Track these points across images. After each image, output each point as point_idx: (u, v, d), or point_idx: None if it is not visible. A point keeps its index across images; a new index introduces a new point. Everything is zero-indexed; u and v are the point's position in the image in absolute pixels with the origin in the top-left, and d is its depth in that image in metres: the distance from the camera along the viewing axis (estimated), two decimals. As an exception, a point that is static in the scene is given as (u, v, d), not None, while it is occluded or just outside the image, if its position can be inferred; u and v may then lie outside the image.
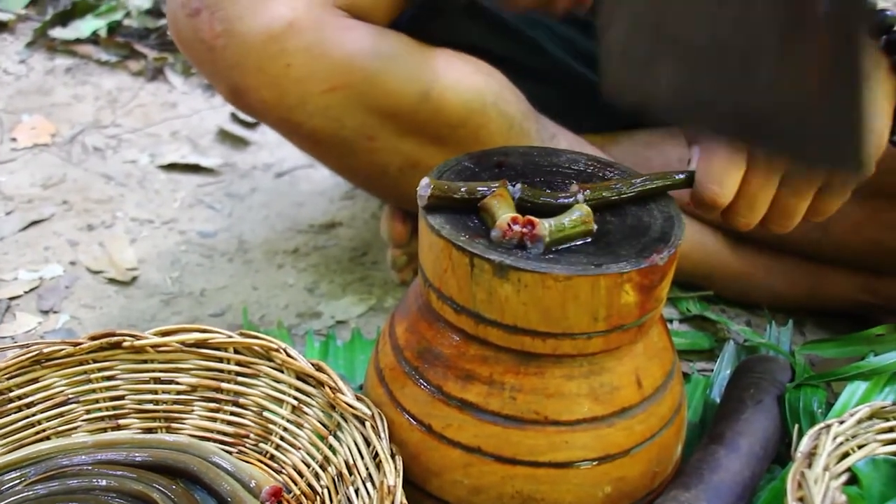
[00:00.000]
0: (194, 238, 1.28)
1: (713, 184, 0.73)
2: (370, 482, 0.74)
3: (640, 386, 0.75)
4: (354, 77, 0.93)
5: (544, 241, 0.69)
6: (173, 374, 0.87)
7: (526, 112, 1.05)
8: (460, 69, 0.99)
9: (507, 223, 0.70)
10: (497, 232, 0.70)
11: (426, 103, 0.96)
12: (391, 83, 0.95)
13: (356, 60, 0.93)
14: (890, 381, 0.96)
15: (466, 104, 0.98)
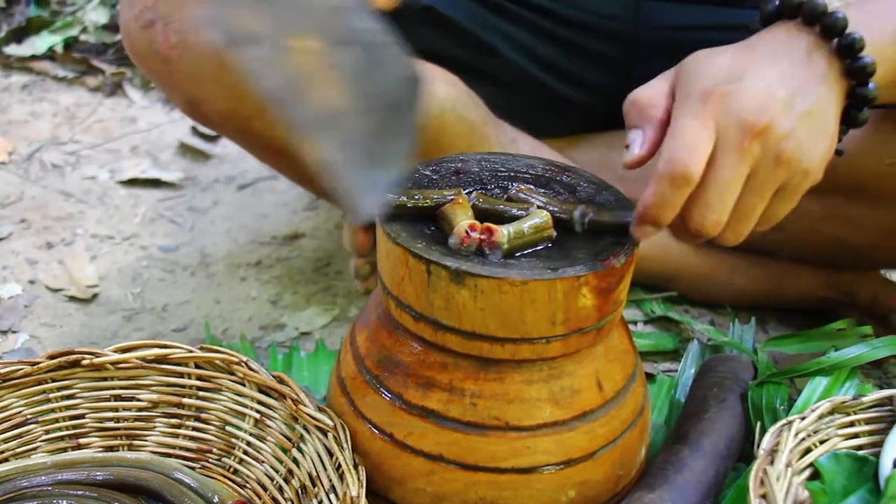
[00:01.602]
0: (156, 253, 1.27)
1: (683, 153, 0.69)
2: (333, 493, 0.74)
3: (602, 389, 0.75)
4: None
5: (502, 248, 0.69)
6: (134, 391, 0.86)
7: (485, 117, 1.05)
8: None
9: (465, 230, 0.70)
10: (455, 239, 0.70)
11: None
12: None
13: None
14: (850, 375, 0.97)
15: (425, 111, 0.98)
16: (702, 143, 0.68)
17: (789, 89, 0.71)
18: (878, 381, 1.07)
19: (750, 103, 0.69)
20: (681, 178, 0.68)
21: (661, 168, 0.68)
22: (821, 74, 0.73)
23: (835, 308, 1.14)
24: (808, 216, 1.05)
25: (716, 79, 0.70)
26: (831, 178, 1.01)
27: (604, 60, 0.80)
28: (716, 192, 0.69)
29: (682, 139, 0.68)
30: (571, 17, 1.09)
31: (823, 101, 0.73)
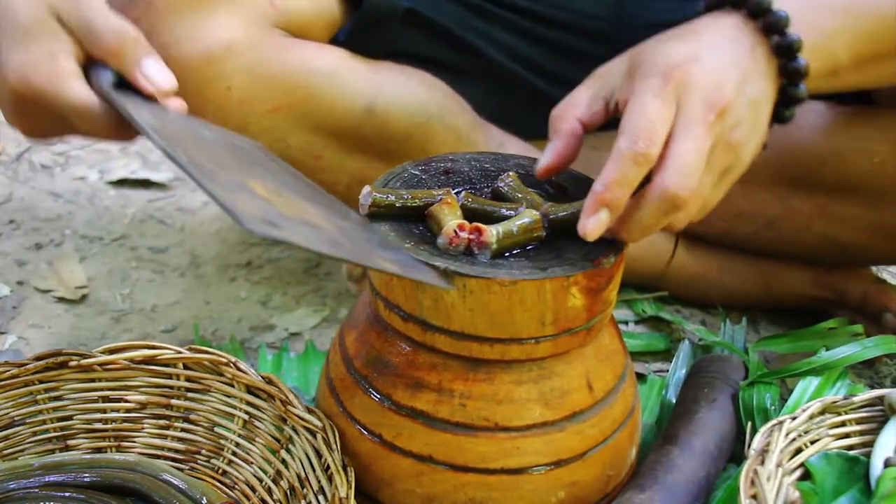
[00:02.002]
0: (145, 254, 1.27)
1: (645, 130, 0.67)
2: (322, 495, 0.74)
3: (592, 389, 0.75)
4: (296, 96, 0.93)
5: (491, 248, 0.69)
6: (122, 392, 0.86)
7: (472, 122, 1.05)
8: (403, 83, 0.99)
9: (454, 230, 0.69)
10: (443, 239, 0.70)
11: (370, 119, 0.96)
12: (334, 100, 0.95)
13: (297, 79, 0.93)
14: (841, 375, 0.97)
15: (411, 118, 0.98)
16: (662, 121, 0.68)
17: (741, 75, 0.72)
18: (870, 380, 1.07)
19: (711, 81, 0.70)
20: (642, 155, 0.67)
21: (623, 145, 0.67)
22: (762, 69, 0.74)
23: (826, 307, 1.14)
24: (798, 215, 1.05)
25: (673, 58, 0.71)
26: (821, 177, 1.02)
27: (588, 60, 0.80)
28: (691, 157, 0.68)
29: (643, 116, 0.68)
30: (554, 17, 1.09)
31: (764, 94, 0.74)
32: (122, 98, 0.71)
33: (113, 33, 0.73)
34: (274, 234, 0.56)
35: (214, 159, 0.66)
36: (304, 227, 0.61)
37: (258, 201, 0.60)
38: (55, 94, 0.73)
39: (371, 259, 0.63)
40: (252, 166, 0.71)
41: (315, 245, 0.58)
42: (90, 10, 0.74)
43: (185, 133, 0.70)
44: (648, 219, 0.69)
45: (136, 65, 0.74)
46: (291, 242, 0.57)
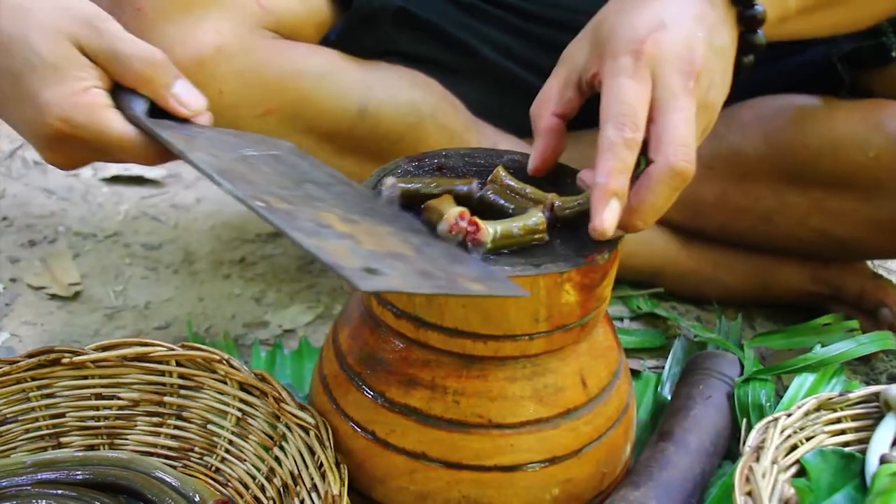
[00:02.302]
0: (139, 251, 1.26)
1: (629, 115, 0.67)
2: (315, 492, 0.73)
3: (586, 386, 0.74)
4: (288, 98, 0.92)
5: (484, 246, 0.68)
6: (115, 389, 0.85)
7: (466, 123, 1.04)
8: (396, 83, 0.99)
9: (455, 217, 0.68)
10: (444, 226, 0.68)
11: (363, 120, 0.96)
12: (326, 102, 0.94)
13: (289, 81, 0.93)
14: (837, 371, 0.97)
15: (404, 118, 0.98)
16: (642, 102, 0.68)
17: (706, 31, 0.71)
18: (865, 377, 1.07)
19: (683, 47, 0.69)
20: (632, 140, 0.66)
21: (611, 133, 0.67)
22: (723, 17, 0.73)
23: (822, 303, 1.14)
24: (794, 210, 1.05)
25: (638, 30, 0.69)
26: (816, 171, 1.01)
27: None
28: (686, 129, 0.68)
29: (623, 102, 0.67)
30: (547, 15, 1.09)
31: (728, 43, 0.73)
32: (163, 130, 0.71)
33: (141, 60, 0.72)
34: (382, 286, 0.58)
35: (272, 186, 0.67)
36: (397, 263, 0.61)
37: (345, 241, 0.61)
38: (96, 129, 0.72)
39: (461, 286, 0.62)
40: (305, 185, 0.71)
41: (419, 288, 0.59)
42: (113, 37, 0.73)
43: (233, 160, 0.70)
44: (661, 199, 0.68)
45: (168, 90, 0.73)
46: (399, 290, 0.59)
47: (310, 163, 0.77)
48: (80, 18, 0.72)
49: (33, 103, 0.72)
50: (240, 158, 0.71)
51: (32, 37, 0.72)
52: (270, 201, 0.62)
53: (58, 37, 0.72)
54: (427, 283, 0.59)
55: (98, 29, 0.72)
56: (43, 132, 0.73)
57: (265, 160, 0.73)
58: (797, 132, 1.01)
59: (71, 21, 0.72)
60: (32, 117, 0.73)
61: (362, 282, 0.55)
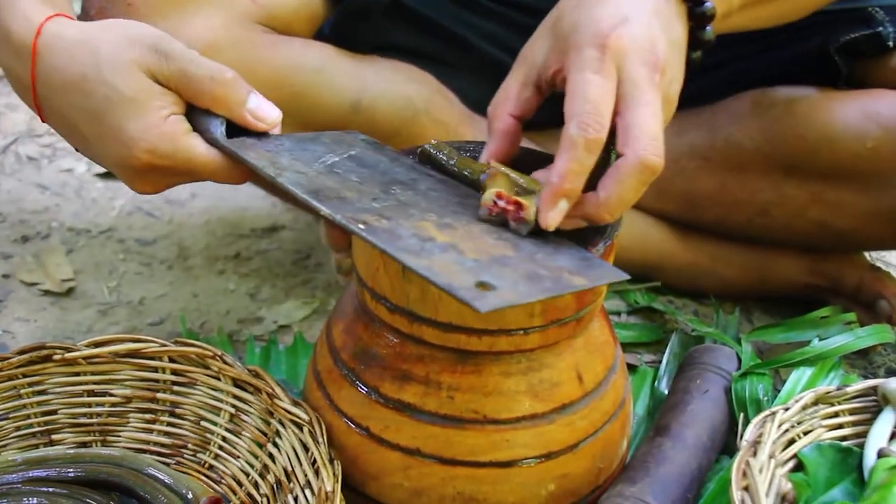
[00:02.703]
0: (133, 246, 1.25)
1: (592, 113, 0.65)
2: (309, 489, 0.73)
3: (581, 381, 0.74)
4: (282, 94, 0.91)
5: (530, 224, 0.66)
6: (107, 386, 0.85)
7: (461, 116, 1.04)
8: (390, 78, 0.98)
9: (493, 199, 0.67)
10: (483, 210, 0.68)
11: (357, 115, 0.95)
12: (320, 97, 0.94)
13: (282, 77, 0.92)
14: (835, 365, 0.96)
15: (398, 113, 0.97)
16: (607, 99, 0.66)
17: (663, 25, 0.70)
18: (863, 370, 1.06)
19: (646, 41, 0.68)
20: (594, 141, 0.65)
21: (573, 133, 0.65)
22: (675, 14, 0.72)
23: (820, 295, 1.13)
24: (792, 202, 1.04)
25: (601, 24, 0.68)
26: (814, 163, 1.01)
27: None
28: (654, 123, 0.66)
29: (588, 99, 0.66)
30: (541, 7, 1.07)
31: (681, 38, 0.73)
32: (245, 152, 0.72)
33: (212, 80, 0.72)
34: (498, 303, 0.57)
35: (365, 199, 0.68)
36: (503, 270, 0.62)
37: (449, 255, 0.62)
38: (183, 158, 0.72)
39: (565, 283, 0.62)
40: (392, 188, 0.71)
41: (531, 297, 0.60)
42: (181, 60, 0.72)
43: (319, 174, 0.71)
44: (630, 192, 0.66)
45: (242, 107, 0.73)
46: (514, 304, 0.59)
47: (386, 156, 0.78)
48: (147, 45, 0.72)
49: (118, 139, 0.72)
50: (325, 170, 0.72)
51: (106, 73, 0.72)
52: (369, 220, 0.64)
53: (131, 68, 0.72)
54: (536, 289, 0.60)
55: (166, 53, 0.72)
56: (131, 165, 0.74)
57: (347, 166, 0.74)
58: (794, 124, 1.00)
59: (139, 50, 0.72)
60: (119, 152, 0.73)
61: (480, 303, 0.56)
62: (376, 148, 0.79)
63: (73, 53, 0.73)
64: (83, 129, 0.74)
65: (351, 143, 0.79)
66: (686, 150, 1.09)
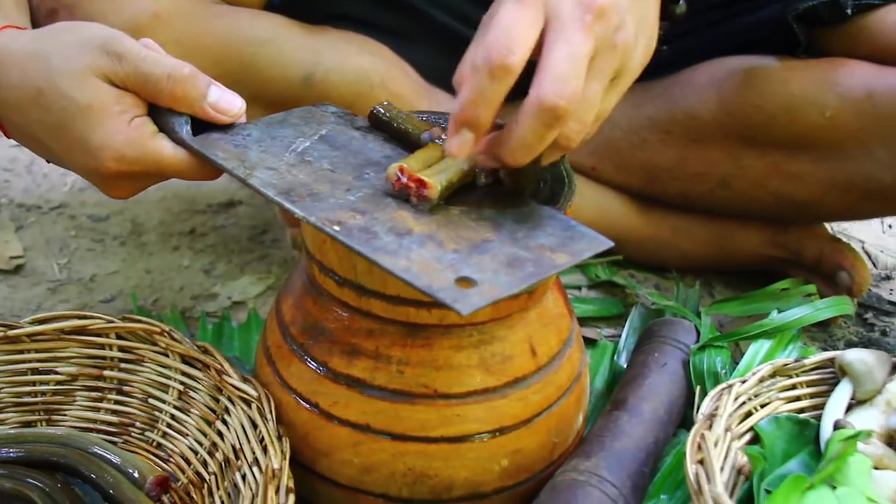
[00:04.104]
0: (85, 223, 1.23)
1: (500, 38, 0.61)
2: (257, 466, 0.71)
3: (535, 354, 0.72)
4: (230, 66, 0.90)
5: (431, 202, 0.65)
6: (52, 364, 0.83)
7: (417, 89, 1.02)
8: (344, 50, 0.96)
9: (396, 173, 0.66)
10: (387, 184, 0.67)
11: (310, 88, 0.93)
12: (271, 69, 0.92)
13: (230, 48, 0.90)
14: (794, 338, 0.96)
15: (352, 86, 0.95)
16: (522, 27, 0.62)
17: None
18: (823, 343, 1.06)
19: None
20: (498, 67, 0.61)
21: (478, 58, 0.62)
22: None
23: (781, 267, 1.13)
24: (752, 173, 1.04)
25: None
26: (773, 134, 1.00)
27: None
28: (566, 63, 0.61)
29: (499, 25, 0.62)
30: None
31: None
32: (212, 151, 0.70)
33: (169, 79, 0.69)
34: (481, 302, 0.57)
35: (338, 191, 0.67)
36: (484, 258, 0.61)
37: (428, 249, 0.61)
38: (151, 161, 0.70)
39: (548, 264, 0.61)
40: (366, 172, 0.70)
41: (514, 287, 0.59)
42: (135, 59, 0.69)
43: (290, 166, 0.69)
44: (531, 135, 0.63)
45: (203, 102, 0.71)
46: (498, 298, 0.58)
47: (358, 129, 0.76)
48: (98, 48, 0.70)
49: (84, 150, 0.70)
50: (296, 160, 0.70)
51: (61, 84, 0.69)
52: (343, 219, 0.63)
53: (85, 76, 0.69)
54: (519, 276, 0.59)
55: (119, 55, 0.69)
56: (100, 174, 0.71)
57: (319, 150, 0.72)
58: (753, 94, 0.99)
59: (90, 55, 0.69)
60: (87, 163, 0.71)
61: (461, 305, 0.56)
62: (347, 121, 0.77)
63: (24, 68, 0.70)
64: (48, 144, 0.72)
65: (321, 120, 0.77)
66: (646, 123, 1.08)
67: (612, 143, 1.10)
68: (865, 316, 1.12)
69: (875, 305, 1.14)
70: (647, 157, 1.09)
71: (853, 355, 0.80)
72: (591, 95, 0.64)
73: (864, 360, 0.79)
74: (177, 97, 0.70)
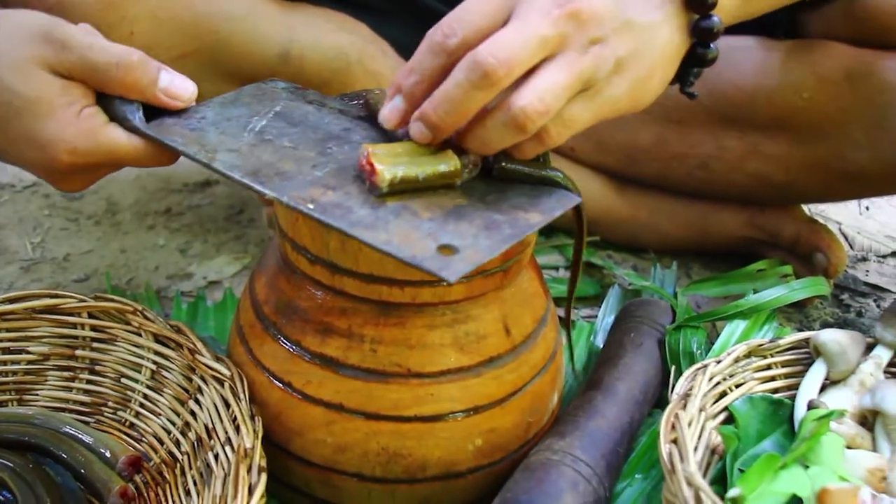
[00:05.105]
0: (59, 202, 1.22)
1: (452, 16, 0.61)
2: (229, 445, 0.70)
3: (509, 334, 0.72)
4: (205, 41, 0.88)
5: (381, 190, 0.63)
6: (23, 343, 0.82)
7: (395, 67, 1.01)
8: (320, 27, 0.95)
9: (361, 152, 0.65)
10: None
11: (285, 66, 0.92)
12: (246, 45, 0.91)
13: (205, 24, 0.89)
14: (769, 318, 0.96)
15: (329, 64, 0.94)
16: (479, 11, 0.62)
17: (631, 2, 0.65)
18: (799, 324, 1.06)
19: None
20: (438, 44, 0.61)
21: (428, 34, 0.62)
22: (670, 13, 0.67)
23: (759, 248, 1.13)
24: (731, 154, 1.03)
25: None
26: (751, 114, 1.00)
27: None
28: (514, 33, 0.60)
29: (463, 6, 0.62)
30: None
31: (655, 26, 0.66)
32: (168, 137, 0.68)
33: (118, 66, 0.67)
34: (464, 268, 0.57)
35: (305, 167, 0.66)
36: (461, 224, 0.61)
37: (404, 220, 0.61)
38: (104, 151, 0.69)
39: (523, 225, 0.62)
40: (329, 147, 0.69)
41: (494, 250, 0.59)
42: (80, 48, 0.67)
43: (252, 146, 0.68)
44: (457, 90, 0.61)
45: (154, 88, 0.69)
46: (480, 263, 0.58)
47: (312, 103, 0.75)
48: (41, 37, 0.67)
49: (34, 144, 0.68)
50: (256, 140, 0.69)
51: (4, 78, 0.67)
52: (316, 196, 0.62)
53: (28, 68, 0.67)
54: (498, 239, 0.60)
55: (62, 43, 0.67)
56: (53, 168, 0.70)
57: (277, 127, 0.71)
58: (732, 75, 0.99)
59: (33, 45, 0.67)
60: (38, 157, 0.69)
61: (447, 272, 0.56)
62: (299, 95, 0.76)
63: None
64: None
65: (273, 97, 0.76)
66: (625, 103, 1.07)
67: (590, 124, 1.09)
68: (841, 297, 1.12)
69: (851, 287, 1.14)
70: (626, 137, 1.09)
71: (827, 336, 0.80)
72: (548, 85, 0.61)
73: (838, 341, 0.79)
74: (127, 85, 0.68)
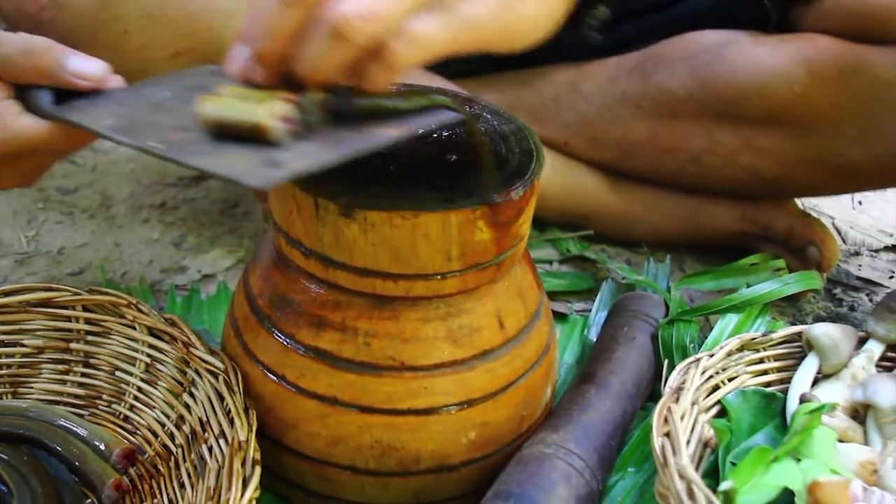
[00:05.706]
0: (53, 195, 1.21)
1: None
2: (223, 438, 0.71)
3: (503, 327, 0.72)
4: (199, 39, 0.88)
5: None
6: (18, 336, 0.82)
7: None
8: None
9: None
10: None
11: None
12: None
13: (199, 21, 0.89)
14: (762, 312, 0.96)
15: None
16: None
17: None
18: (792, 317, 1.06)
19: None
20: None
21: None
22: None
23: (752, 242, 1.13)
24: (724, 148, 1.04)
25: None
26: (744, 109, 1.00)
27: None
28: None
29: None
30: None
31: None
32: (68, 112, 0.67)
33: (23, 54, 0.66)
34: (279, 175, 0.54)
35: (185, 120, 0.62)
36: (310, 147, 0.57)
37: (251, 149, 0.57)
38: (17, 141, 0.67)
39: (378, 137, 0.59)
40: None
41: (329, 160, 0.56)
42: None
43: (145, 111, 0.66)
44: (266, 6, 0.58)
45: (62, 71, 0.67)
46: (305, 173, 0.55)
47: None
48: None
49: None
50: (149, 108, 0.66)
51: None
52: (174, 139, 0.59)
53: None
54: (337, 153, 0.57)
55: None
56: None
57: (180, 98, 0.68)
58: (724, 69, 0.99)
59: None
60: None
61: (257, 179, 0.52)
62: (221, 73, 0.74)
63: None
64: None
65: (194, 75, 0.73)
66: (619, 97, 1.08)
67: (584, 119, 1.10)
68: (834, 291, 1.13)
69: (844, 281, 1.15)
70: (619, 132, 1.09)
71: (820, 329, 0.80)
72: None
73: (830, 335, 0.80)
74: (37, 71, 0.67)
